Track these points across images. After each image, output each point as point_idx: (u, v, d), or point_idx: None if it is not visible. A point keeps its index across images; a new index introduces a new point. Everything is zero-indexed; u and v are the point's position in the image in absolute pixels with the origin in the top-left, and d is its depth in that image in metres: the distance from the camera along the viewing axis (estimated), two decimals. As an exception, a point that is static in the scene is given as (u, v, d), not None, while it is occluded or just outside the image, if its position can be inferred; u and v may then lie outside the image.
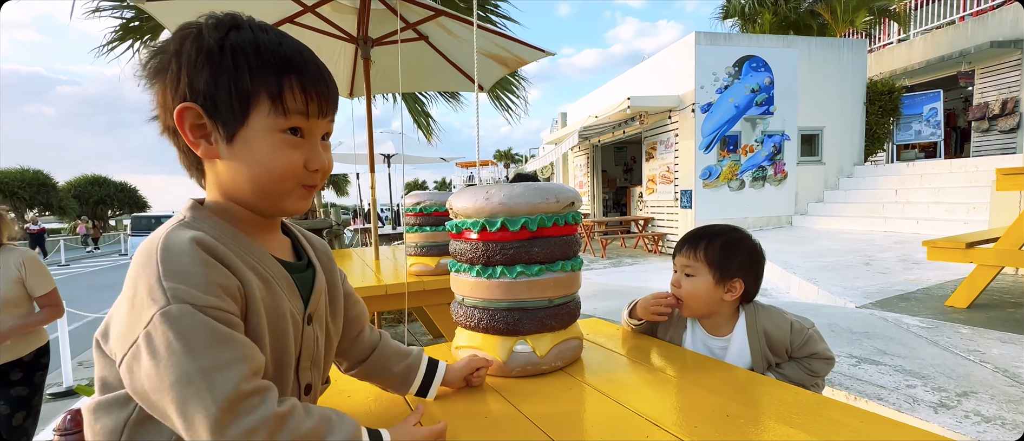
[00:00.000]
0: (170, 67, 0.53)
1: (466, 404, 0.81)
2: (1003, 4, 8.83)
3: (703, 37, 7.89)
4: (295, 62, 0.55)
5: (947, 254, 3.18)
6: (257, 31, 0.54)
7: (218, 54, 0.52)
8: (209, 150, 0.54)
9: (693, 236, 1.09)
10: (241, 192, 0.57)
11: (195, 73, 0.52)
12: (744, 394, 0.80)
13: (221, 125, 0.53)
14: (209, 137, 0.54)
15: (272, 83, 0.53)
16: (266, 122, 0.54)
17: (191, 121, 0.53)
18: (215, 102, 0.52)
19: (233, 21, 0.54)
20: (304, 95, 0.55)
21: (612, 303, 4.24)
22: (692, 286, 1.06)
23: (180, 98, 0.52)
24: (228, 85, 0.52)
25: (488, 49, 2.77)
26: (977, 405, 1.86)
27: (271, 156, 0.55)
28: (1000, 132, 8.86)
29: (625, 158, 13.60)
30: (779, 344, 1.05)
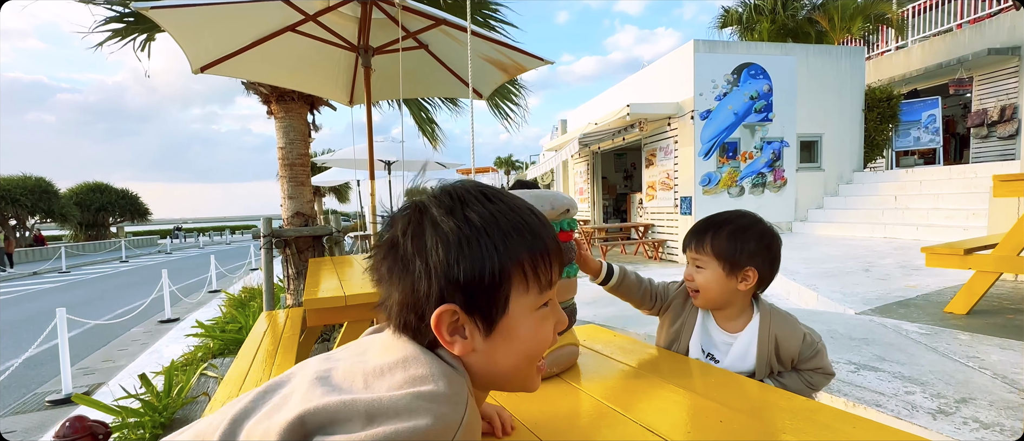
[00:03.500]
0: (413, 266, 0.47)
1: (462, 410, 0.81)
2: (1000, 11, 8.90)
3: (702, 45, 7.94)
4: (539, 232, 0.51)
5: (946, 260, 3.18)
6: (488, 202, 0.50)
7: (466, 244, 0.47)
8: (465, 346, 0.48)
9: (700, 228, 1.07)
10: (492, 379, 0.52)
11: (448, 269, 0.46)
12: (739, 399, 0.80)
13: (480, 319, 0.48)
14: (464, 331, 0.48)
15: (529, 263, 0.49)
16: (526, 303, 0.50)
17: (448, 321, 0.47)
18: (473, 296, 0.47)
19: (461, 196, 0.50)
20: (553, 266, 0.52)
21: (611, 310, 4.24)
22: (703, 279, 1.04)
23: (435, 301, 0.46)
24: (485, 274, 0.47)
25: (488, 55, 2.79)
26: (975, 411, 1.85)
27: (532, 338, 0.51)
28: (999, 138, 8.89)
29: (625, 165, 13.64)
30: (788, 353, 1.04)
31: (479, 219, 0.48)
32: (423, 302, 0.47)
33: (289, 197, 3.97)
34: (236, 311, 5.01)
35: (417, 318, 0.48)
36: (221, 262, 11.15)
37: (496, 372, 0.51)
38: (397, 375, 0.44)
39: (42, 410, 3.54)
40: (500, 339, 0.49)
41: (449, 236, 0.47)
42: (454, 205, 0.49)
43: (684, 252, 1.11)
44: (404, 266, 0.48)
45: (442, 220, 0.48)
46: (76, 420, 2.35)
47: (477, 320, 0.48)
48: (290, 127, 3.96)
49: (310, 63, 2.98)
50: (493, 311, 0.48)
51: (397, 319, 0.49)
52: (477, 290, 0.47)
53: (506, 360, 0.51)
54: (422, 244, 0.47)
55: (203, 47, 2.52)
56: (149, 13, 2.11)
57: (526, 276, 0.49)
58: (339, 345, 1.97)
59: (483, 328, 0.49)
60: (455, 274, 0.46)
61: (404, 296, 0.48)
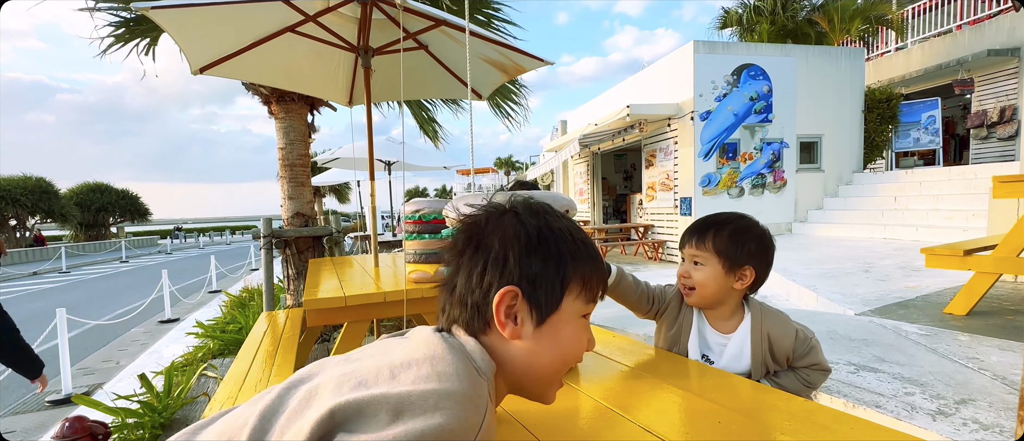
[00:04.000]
0: (493, 247, 0.54)
1: (461, 410, 0.81)
2: (1000, 13, 8.90)
3: (702, 46, 7.95)
4: (593, 252, 0.59)
5: (945, 261, 3.18)
6: (563, 220, 0.58)
7: (544, 241, 0.54)
8: (515, 331, 0.54)
9: (701, 225, 1.08)
10: (529, 374, 0.56)
11: (524, 258, 0.53)
12: (737, 400, 0.81)
13: (536, 309, 0.54)
14: (516, 318, 0.54)
15: (587, 271, 0.57)
16: (575, 307, 0.57)
17: (507, 303, 0.53)
18: (536, 286, 0.53)
19: (544, 207, 0.58)
20: (601, 283, 0.60)
21: (611, 310, 4.24)
22: (702, 275, 1.04)
23: (505, 281, 0.52)
24: (553, 271, 0.54)
25: (487, 56, 2.80)
26: (975, 412, 1.86)
27: (573, 340, 0.57)
28: (999, 140, 8.90)
29: (625, 165, 13.64)
30: (782, 351, 1.04)
31: (558, 228, 0.56)
32: (491, 283, 0.52)
33: (289, 197, 3.97)
34: (236, 311, 5.01)
35: (481, 297, 0.53)
36: (221, 262, 11.16)
37: (532, 367, 0.55)
38: (424, 368, 0.46)
39: (42, 410, 3.54)
40: (547, 333, 0.55)
41: (532, 231, 0.54)
42: (539, 212, 0.57)
43: (681, 249, 1.11)
44: (483, 246, 0.54)
45: (528, 219, 0.55)
46: (75, 420, 2.35)
47: (533, 310, 0.54)
48: (290, 128, 3.96)
49: (310, 64, 2.98)
50: (549, 305, 0.54)
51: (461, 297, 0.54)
52: (541, 282, 0.53)
53: (545, 357, 0.55)
54: (505, 232, 0.54)
55: (203, 48, 2.52)
56: (149, 13, 2.11)
57: (581, 285, 0.57)
58: (339, 345, 1.98)
59: (536, 318, 0.54)
60: (528, 262, 0.53)
61: (475, 275, 0.53)
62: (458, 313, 0.55)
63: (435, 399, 0.43)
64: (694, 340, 1.09)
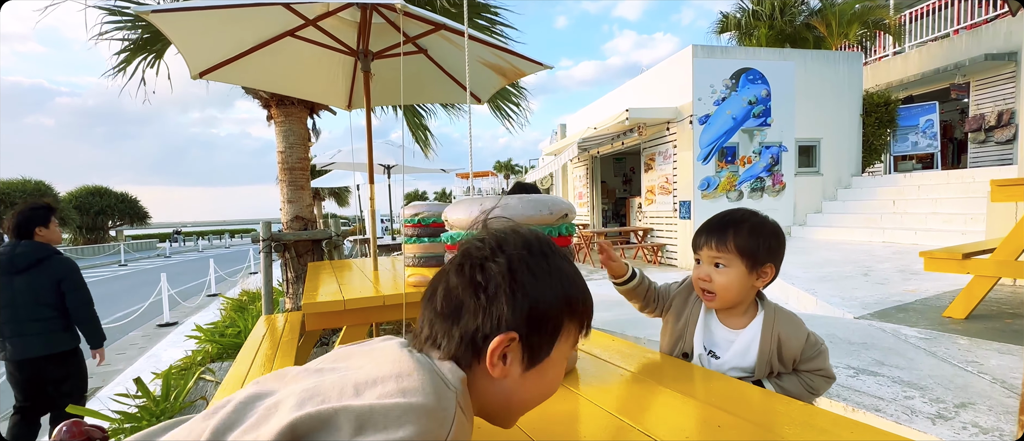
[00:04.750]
0: (502, 286, 0.51)
1: (460, 414, 0.81)
2: (996, 17, 8.95)
3: (700, 50, 7.98)
4: (589, 298, 0.58)
5: (944, 265, 3.19)
6: (569, 262, 0.57)
7: (553, 288, 0.53)
8: (503, 371, 0.52)
9: (717, 225, 1.04)
10: (504, 408, 0.55)
11: (533, 304, 0.51)
12: (736, 405, 0.80)
13: (528, 355, 0.53)
14: (506, 360, 0.52)
15: (583, 317, 0.56)
16: (564, 350, 0.56)
17: (503, 347, 0.51)
18: (534, 334, 0.52)
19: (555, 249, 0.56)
20: (588, 324, 0.59)
21: (611, 314, 4.24)
22: (726, 279, 1.00)
23: (508, 324, 0.50)
24: (555, 320, 0.53)
25: (487, 60, 2.80)
26: (975, 416, 1.85)
27: (552, 382, 0.57)
28: (997, 143, 8.92)
29: (624, 169, 13.66)
30: (790, 353, 1.02)
31: (569, 273, 0.55)
32: (495, 324, 0.50)
33: (288, 201, 3.97)
34: (235, 315, 5.00)
35: (481, 334, 0.51)
36: (220, 266, 11.14)
37: (510, 403, 0.55)
38: (389, 385, 0.45)
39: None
40: (533, 376, 0.54)
41: (542, 276, 0.52)
42: (548, 253, 0.55)
43: (697, 250, 1.07)
44: (491, 281, 0.51)
45: (540, 263, 0.53)
46: (73, 425, 2.33)
47: (525, 355, 0.53)
48: (290, 131, 3.96)
49: (310, 68, 2.99)
50: (542, 350, 0.53)
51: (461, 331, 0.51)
52: (542, 330, 0.52)
53: (526, 395, 0.55)
54: (518, 273, 0.51)
55: (203, 52, 2.52)
56: (149, 17, 2.12)
57: (574, 330, 0.56)
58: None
59: (526, 362, 0.53)
60: (536, 309, 0.51)
61: (480, 308, 0.51)
62: (444, 340, 0.52)
63: (399, 413, 0.42)
64: (699, 335, 1.07)
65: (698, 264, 1.06)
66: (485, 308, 0.51)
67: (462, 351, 0.52)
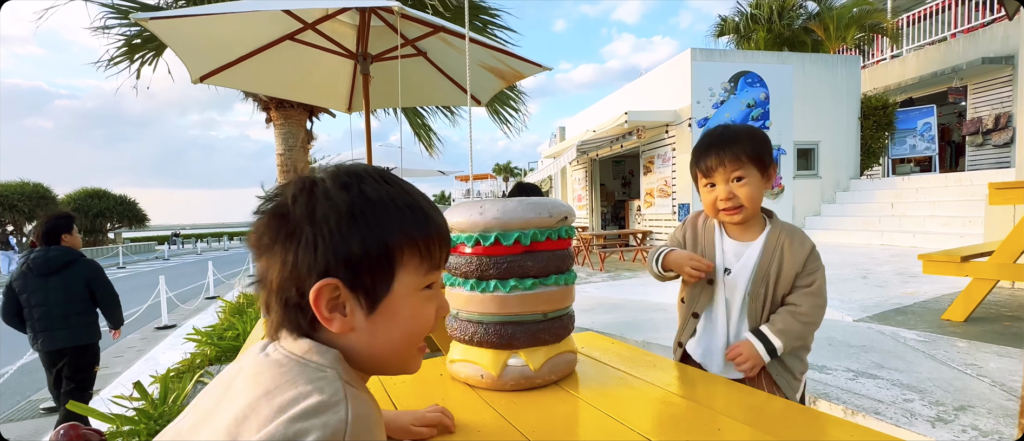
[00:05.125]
0: (302, 234, 0.45)
1: (459, 417, 0.81)
2: (993, 21, 8.99)
3: (699, 53, 8.00)
4: (430, 213, 0.51)
5: (943, 268, 3.19)
6: (383, 183, 0.50)
7: (360, 216, 0.46)
8: (344, 323, 0.47)
9: (723, 144, 1.07)
10: (372, 360, 0.50)
11: (339, 241, 0.45)
12: (736, 408, 0.80)
13: (363, 296, 0.47)
14: (344, 309, 0.47)
15: (420, 241, 0.49)
16: (411, 282, 0.50)
17: (328, 296, 0.45)
18: (358, 272, 0.46)
19: (358, 174, 0.49)
20: (443, 249, 0.53)
21: (610, 317, 4.23)
22: (749, 189, 1.05)
23: (318, 273, 0.45)
24: (376, 250, 0.47)
25: (486, 62, 2.81)
26: (974, 419, 1.85)
27: (414, 318, 0.51)
28: (994, 146, 8.95)
29: (623, 172, 13.67)
30: (792, 262, 1.06)
31: (375, 194, 0.48)
32: (305, 275, 0.45)
33: (287, 204, 3.97)
34: (234, 318, 4.99)
35: (297, 294, 0.45)
36: (219, 268, 11.11)
37: (376, 352, 0.50)
38: (263, 410, 0.41)
39: (36, 417, 3.51)
40: (382, 318, 0.49)
41: (342, 207, 0.46)
42: (350, 181, 0.48)
43: (710, 174, 1.08)
44: (291, 235, 0.45)
45: (336, 192, 0.47)
46: (70, 428, 2.33)
47: (360, 297, 0.47)
48: (289, 134, 3.97)
49: (309, 71, 2.99)
50: (378, 288, 0.48)
51: (277, 296, 0.47)
52: (364, 265, 0.46)
53: (387, 340, 0.50)
54: (313, 213, 0.45)
55: (203, 57, 2.53)
56: (148, 25, 2.12)
57: (416, 254, 0.49)
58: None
59: (366, 305, 0.47)
60: (344, 246, 0.45)
61: (287, 268, 0.45)
62: (280, 316, 0.47)
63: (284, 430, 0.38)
64: (719, 258, 1.11)
65: (711, 187, 1.09)
66: (296, 261, 0.45)
67: (300, 319, 0.47)
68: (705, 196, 1.12)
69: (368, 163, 2.74)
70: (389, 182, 0.50)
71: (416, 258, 0.50)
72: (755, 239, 1.09)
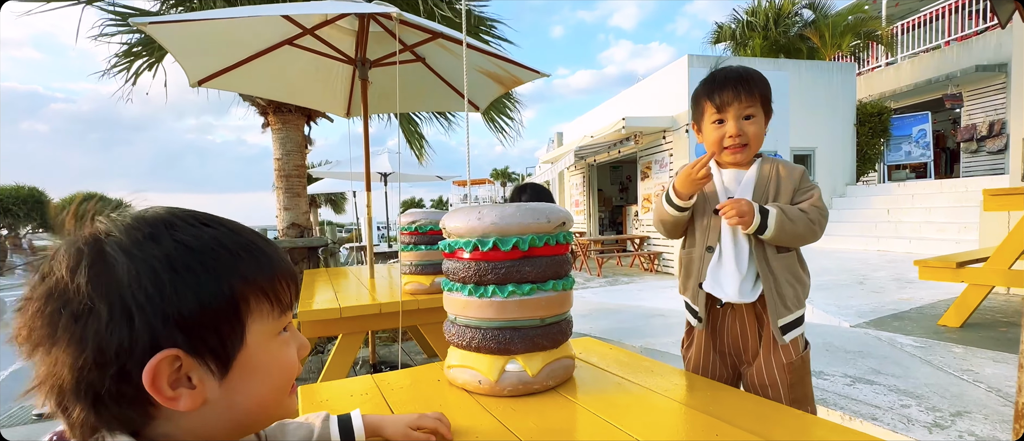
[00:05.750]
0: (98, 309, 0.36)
1: (456, 423, 0.81)
2: (987, 29, 9.09)
3: (696, 60, 8.06)
4: (269, 251, 0.45)
5: (938, 273, 3.21)
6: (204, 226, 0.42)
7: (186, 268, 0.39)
8: (194, 398, 0.39)
9: (736, 81, 1.11)
10: (239, 426, 0.44)
11: (163, 302, 0.37)
12: (734, 414, 0.80)
13: (212, 359, 0.40)
14: (190, 381, 0.39)
15: (265, 285, 0.43)
16: (265, 330, 0.44)
17: (168, 372, 0.38)
18: (199, 333, 0.39)
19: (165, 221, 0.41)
20: (291, 287, 0.46)
21: (607, 322, 4.23)
22: (757, 126, 1.11)
23: (143, 349, 0.37)
24: (218, 303, 0.40)
25: (484, 68, 2.82)
26: (971, 425, 1.86)
27: (278, 367, 0.45)
28: (988, 153, 9.02)
29: (621, 177, 13.71)
30: (789, 181, 1.13)
31: (197, 241, 0.40)
32: (123, 357, 0.36)
33: (285, 208, 3.97)
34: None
35: (116, 382, 0.37)
36: (215, 273, 11.04)
37: (241, 416, 0.43)
38: None
39: (29, 423, 3.47)
40: (240, 378, 0.42)
41: (157, 262, 0.38)
42: (158, 230, 0.40)
43: (723, 110, 1.11)
44: (79, 315, 0.36)
45: (143, 246, 0.39)
46: (63, 434, 2.31)
47: (208, 361, 0.40)
48: (287, 138, 3.97)
49: (308, 76, 3.00)
50: (228, 346, 0.41)
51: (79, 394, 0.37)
52: (205, 323, 0.39)
53: (252, 398, 0.43)
54: (112, 280, 0.37)
55: (201, 61, 2.53)
56: (147, 29, 2.12)
57: (264, 300, 0.43)
58: (333, 357, 1.96)
59: (217, 370, 0.41)
60: (173, 307, 0.37)
61: (86, 356, 0.36)
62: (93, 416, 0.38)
63: None
64: (719, 188, 1.15)
65: (720, 124, 1.12)
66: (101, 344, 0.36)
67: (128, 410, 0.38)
68: (711, 133, 1.15)
69: (366, 169, 2.74)
70: (210, 224, 0.43)
71: (265, 305, 0.43)
72: (750, 167, 1.15)
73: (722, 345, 1.19)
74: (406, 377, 1.03)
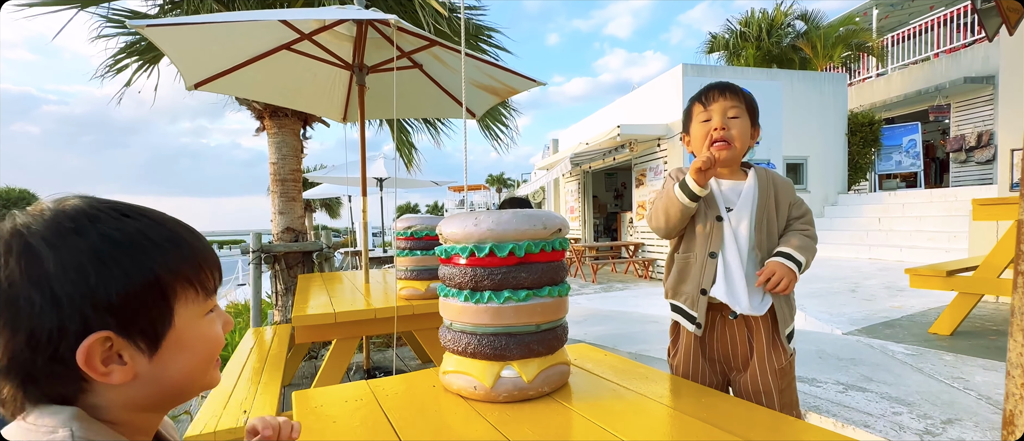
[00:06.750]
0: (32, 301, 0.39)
1: (451, 429, 0.81)
2: (975, 42, 9.27)
3: (690, 69, 8.14)
4: (192, 241, 0.48)
5: (929, 282, 3.24)
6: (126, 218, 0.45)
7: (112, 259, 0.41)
8: (125, 373, 0.43)
9: (722, 85, 1.18)
10: (166, 396, 0.47)
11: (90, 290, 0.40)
12: (728, 420, 0.81)
13: (141, 339, 0.43)
14: (122, 358, 0.43)
15: (191, 275, 0.47)
16: (192, 311, 0.47)
17: (100, 351, 0.41)
18: (129, 316, 0.42)
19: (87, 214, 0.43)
20: (214, 272, 0.50)
21: (602, 328, 4.23)
22: (740, 127, 1.15)
23: (75, 332, 0.40)
24: (144, 290, 0.43)
25: (480, 79, 2.84)
26: (962, 432, 1.87)
27: (204, 342, 0.49)
28: (977, 163, 9.16)
29: (616, 184, 13.77)
30: (785, 192, 1.18)
31: (121, 233, 0.43)
32: (55, 340, 0.40)
33: (280, 212, 3.95)
34: (221, 328, 4.90)
35: (48, 362, 0.40)
36: (207, 278, 10.93)
37: (170, 387, 0.47)
38: None
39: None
40: (169, 354, 0.46)
41: (83, 254, 0.41)
42: (81, 224, 0.42)
43: (708, 107, 1.17)
44: (11, 303, 0.39)
45: (68, 240, 0.41)
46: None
47: (138, 341, 0.43)
48: (283, 143, 3.96)
49: (305, 81, 3.00)
50: (157, 327, 0.44)
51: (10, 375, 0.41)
52: (134, 307, 0.42)
53: (181, 372, 0.47)
54: (43, 272, 0.40)
55: (198, 64, 2.53)
56: (144, 32, 2.12)
57: (190, 288, 0.47)
58: (327, 362, 1.95)
59: (147, 348, 0.44)
60: (103, 294, 0.41)
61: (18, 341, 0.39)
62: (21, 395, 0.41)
63: None
64: (719, 199, 1.17)
65: (706, 122, 1.18)
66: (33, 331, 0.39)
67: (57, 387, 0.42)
68: (698, 130, 1.19)
69: (362, 174, 2.74)
70: (133, 216, 0.45)
71: (191, 292, 0.47)
72: (746, 179, 1.18)
73: (712, 351, 1.20)
74: (401, 383, 1.02)
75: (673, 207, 1.16)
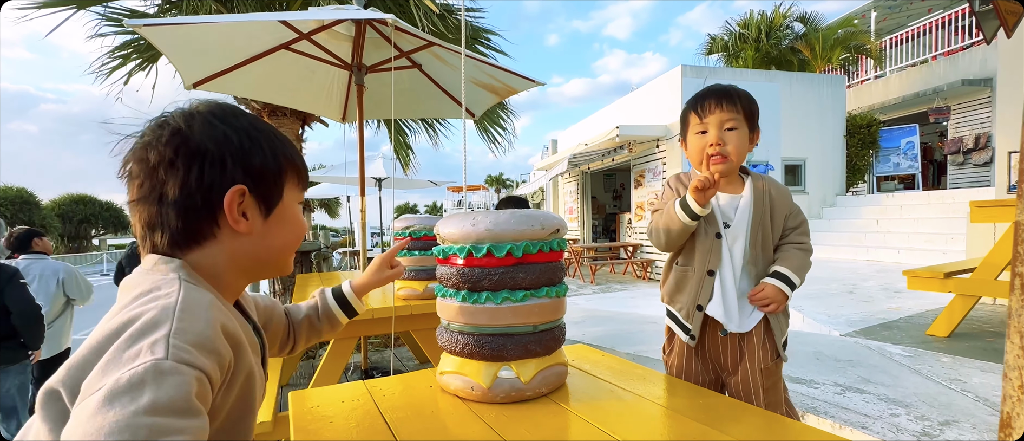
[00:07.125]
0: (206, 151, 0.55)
1: (447, 430, 0.80)
2: (973, 45, 9.29)
3: (689, 70, 8.15)
4: (298, 150, 0.66)
5: (926, 284, 3.25)
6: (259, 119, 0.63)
7: (255, 140, 0.59)
8: (248, 226, 0.58)
9: (719, 93, 1.14)
10: (257, 261, 0.62)
11: (243, 156, 0.57)
12: (725, 422, 0.81)
13: (262, 201, 0.60)
14: (246, 217, 0.58)
15: (299, 164, 0.65)
16: (293, 196, 0.65)
17: (237, 202, 0.57)
18: (259, 182, 0.58)
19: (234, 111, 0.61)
20: (307, 175, 0.68)
21: (601, 329, 4.23)
22: (738, 140, 1.11)
23: (229, 181, 0.56)
24: (273, 166, 0.60)
25: (479, 78, 2.84)
26: (959, 434, 1.87)
27: (297, 224, 0.65)
28: (975, 166, 9.18)
29: (614, 185, 13.77)
30: (781, 206, 1.15)
31: (263, 126, 0.61)
32: (215, 186, 0.55)
33: (278, 212, 3.94)
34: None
35: (203, 202, 0.55)
36: (205, 277, 10.91)
37: (265, 252, 0.62)
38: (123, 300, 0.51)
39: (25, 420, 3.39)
40: (276, 222, 0.62)
41: (240, 131, 0.58)
42: (239, 113, 0.60)
43: (704, 117, 1.13)
44: (195, 153, 0.54)
45: (228, 120, 0.58)
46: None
47: (260, 203, 0.59)
48: (281, 142, 3.95)
49: (304, 80, 3.00)
50: (273, 197, 0.61)
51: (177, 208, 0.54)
52: (264, 176, 0.59)
53: (278, 240, 0.63)
54: (215, 134, 0.56)
55: (196, 64, 2.52)
56: (142, 31, 2.11)
57: (295, 174, 0.64)
58: (325, 362, 1.95)
59: (264, 211, 0.60)
60: (248, 161, 0.57)
61: (192, 181, 0.54)
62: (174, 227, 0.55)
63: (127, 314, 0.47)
64: (717, 213, 1.15)
65: (702, 134, 1.14)
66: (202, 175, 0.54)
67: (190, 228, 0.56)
68: (695, 143, 1.16)
69: (361, 174, 2.74)
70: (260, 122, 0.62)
71: (295, 177, 0.65)
72: (742, 191, 1.15)
73: (705, 353, 1.22)
74: (398, 383, 1.02)
75: (674, 225, 1.15)
